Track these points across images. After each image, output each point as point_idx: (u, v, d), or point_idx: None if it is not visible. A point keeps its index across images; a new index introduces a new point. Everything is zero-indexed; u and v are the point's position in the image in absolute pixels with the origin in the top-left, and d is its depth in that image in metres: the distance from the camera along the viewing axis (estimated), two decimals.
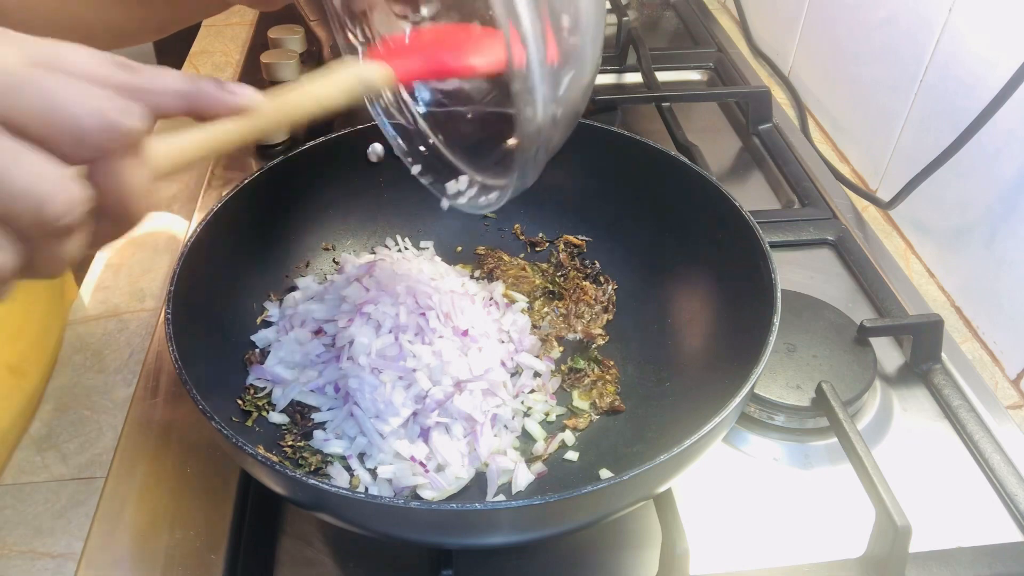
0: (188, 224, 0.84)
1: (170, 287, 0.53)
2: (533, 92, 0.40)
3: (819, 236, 0.81)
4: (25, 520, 0.58)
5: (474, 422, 0.57)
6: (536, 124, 0.41)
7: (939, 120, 0.79)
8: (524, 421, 0.61)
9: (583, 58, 0.43)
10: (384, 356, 0.58)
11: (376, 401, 0.57)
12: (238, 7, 0.60)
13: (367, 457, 0.57)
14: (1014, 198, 0.69)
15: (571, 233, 0.74)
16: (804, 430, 0.63)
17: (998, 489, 0.60)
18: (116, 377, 0.68)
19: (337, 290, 0.64)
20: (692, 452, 0.45)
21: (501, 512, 0.43)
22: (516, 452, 0.59)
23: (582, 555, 0.55)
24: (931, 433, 0.64)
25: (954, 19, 0.76)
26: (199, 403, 0.46)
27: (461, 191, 0.57)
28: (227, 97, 0.36)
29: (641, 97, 0.98)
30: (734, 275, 0.60)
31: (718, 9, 1.28)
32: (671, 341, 0.64)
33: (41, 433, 0.64)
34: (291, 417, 0.60)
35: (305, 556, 0.55)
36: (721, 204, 0.61)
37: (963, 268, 0.77)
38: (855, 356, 0.65)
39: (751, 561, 0.55)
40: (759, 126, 0.97)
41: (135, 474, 0.60)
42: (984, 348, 0.73)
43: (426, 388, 0.57)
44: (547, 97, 0.40)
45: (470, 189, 0.57)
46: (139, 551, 0.55)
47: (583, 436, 0.61)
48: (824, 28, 1.00)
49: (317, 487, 0.42)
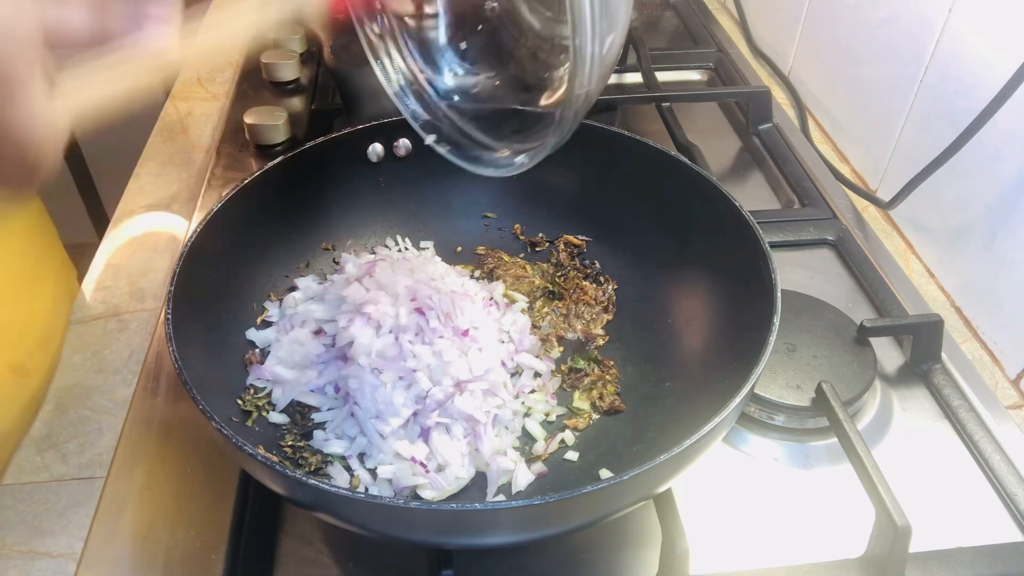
0: (188, 224, 0.84)
1: (170, 287, 0.53)
2: (584, 49, 0.43)
3: (819, 236, 0.81)
4: (25, 520, 0.58)
5: (475, 422, 0.57)
6: (585, 76, 0.44)
7: (939, 120, 0.79)
8: (524, 421, 0.61)
9: (621, 20, 0.46)
10: (384, 356, 0.58)
11: (376, 401, 0.57)
12: None
13: (367, 457, 0.57)
14: (1014, 198, 0.69)
15: (571, 233, 0.74)
16: (804, 430, 0.63)
17: (998, 489, 0.60)
18: (116, 377, 0.68)
19: (337, 290, 0.64)
20: (692, 452, 0.45)
21: (501, 512, 0.43)
22: (516, 452, 0.59)
23: (582, 555, 0.55)
24: (931, 433, 0.64)
25: (954, 19, 0.76)
26: (199, 403, 0.46)
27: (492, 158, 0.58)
28: (141, 35, 0.33)
29: (641, 97, 0.98)
30: (734, 275, 0.60)
31: (718, 9, 1.28)
32: (671, 341, 0.64)
33: (41, 433, 0.64)
34: (291, 417, 0.60)
35: (305, 556, 0.55)
36: (721, 204, 0.61)
37: (963, 268, 0.77)
38: (855, 356, 0.65)
39: (751, 561, 0.55)
40: (759, 126, 0.97)
41: (135, 474, 0.60)
42: (984, 348, 0.73)
43: (426, 388, 0.57)
44: (595, 55, 0.44)
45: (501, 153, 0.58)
46: (139, 551, 0.55)
47: (583, 436, 0.61)
48: (824, 28, 1.00)
49: (317, 487, 0.42)
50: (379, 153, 0.71)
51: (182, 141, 0.96)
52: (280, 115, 0.91)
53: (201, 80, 1.08)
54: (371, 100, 0.72)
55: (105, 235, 0.83)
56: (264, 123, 0.90)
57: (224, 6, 0.40)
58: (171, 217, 0.86)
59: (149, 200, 0.88)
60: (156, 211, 0.86)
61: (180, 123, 0.99)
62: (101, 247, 0.82)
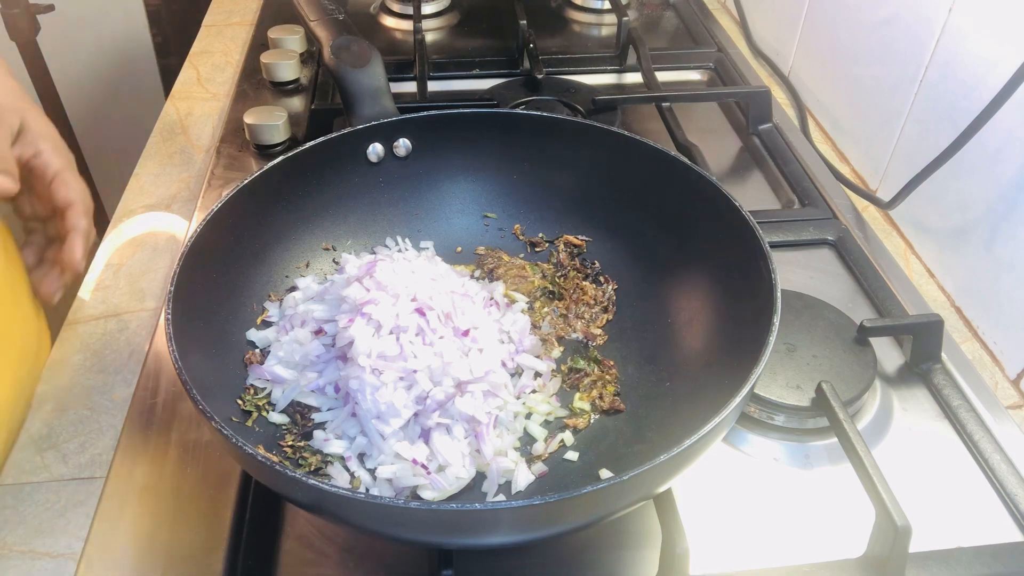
0: (188, 224, 0.84)
1: (170, 287, 0.53)
2: None
3: (819, 236, 0.81)
4: (25, 520, 0.58)
5: (477, 423, 0.57)
6: None
7: (939, 120, 0.79)
8: (525, 422, 0.61)
9: None
10: (385, 357, 0.58)
11: (377, 402, 0.57)
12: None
13: (367, 457, 0.57)
14: (1014, 198, 0.69)
15: (571, 233, 0.74)
16: (804, 430, 0.63)
17: (998, 489, 0.60)
18: (116, 377, 0.68)
19: (337, 290, 0.64)
20: (692, 452, 0.45)
21: (501, 512, 0.43)
22: (516, 453, 0.59)
23: (582, 555, 0.55)
24: (931, 433, 0.64)
25: (954, 19, 0.76)
26: (199, 403, 0.46)
27: None
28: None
29: (641, 97, 0.98)
30: (734, 275, 0.60)
31: (718, 9, 1.28)
32: (671, 341, 0.64)
33: (41, 433, 0.64)
34: (291, 417, 0.60)
35: (305, 556, 0.55)
36: (721, 204, 0.61)
37: (963, 268, 0.77)
38: (855, 356, 0.65)
39: (751, 561, 0.55)
40: (759, 126, 0.97)
41: (135, 474, 0.60)
42: (984, 348, 0.73)
43: (427, 389, 0.57)
44: None
45: None
46: (139, 551, 0.55)
47: (583, 436, 0.61)
48: (824, 28, 1.00)
49: (317, 487, 0.42)
50: (379, 153, 0.71)
51: (182, 141, 0.96)
52: (280, 115, 0.91)
53: (201, 80, 1.08)
54: (371, 100, 0.72)
55: (105, 235, 0.83)
56: (264, 123, 0.90)
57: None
58: (171, 217, 0.86)
59: (149, 200, 0.88)
60: (156, 211, 0.86)
61: (180, 123, 0.99)
62: (101, 247, 0.82)
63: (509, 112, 0.88)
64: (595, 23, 1.23)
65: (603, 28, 1.22)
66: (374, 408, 0.57)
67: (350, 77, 0.72)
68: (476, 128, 0.72)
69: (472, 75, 1.07)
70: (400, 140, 0.71)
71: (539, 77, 1.01)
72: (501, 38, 1.15)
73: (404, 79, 1.04)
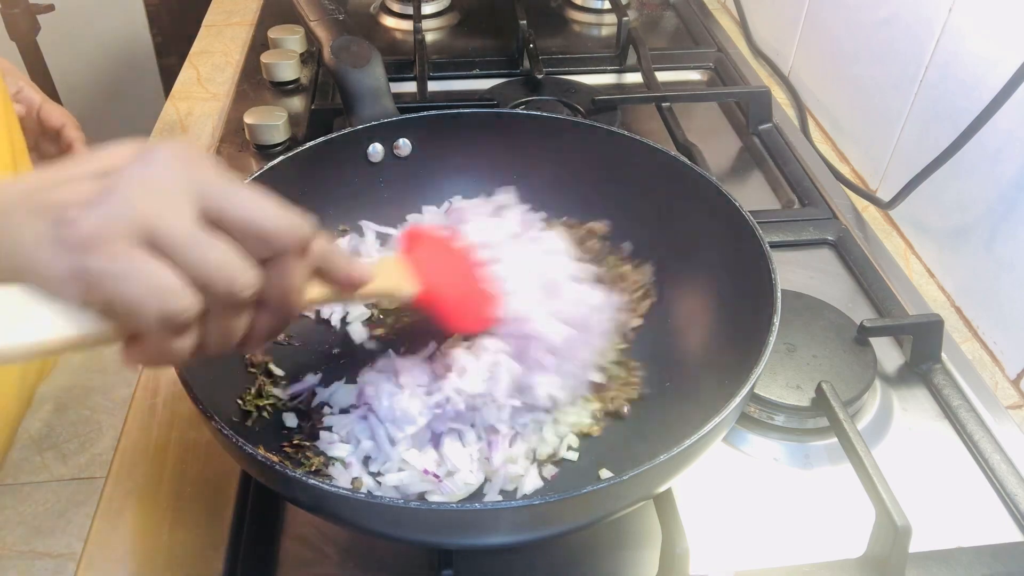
0: None
1: None
2: None
3: (819, 236, 0.81)
4: (25, 520, 0.58)
5: (495, 432, 0.56)
6: None
7: (939, 120, 0.79)
8: (543, 430, 0.59)
9: None
10: (404, 363, 0.58)
11: (393, 409, 0.56)
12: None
13: (372, 461, 0.56)
14: (1014, 198, 0.69)
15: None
16: (804, 430, 0.63)
17: (998, 489, 0.60)
18: (116, 377, 0.68)
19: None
20: (692, 452, 0.45)
21: (501, 512, 0.43)
22: (526, 460, 0.58)
23: (582, 555, 0.55)
24: (931, 433, 0.64)
25: (954, 19, 0.76)
26: (199, 403, 0.46)
27: None
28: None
29: (641, 97, 0.98)
30: (734, 275, 0.60)
31: (718, 9, 1.28)
32: (671, 341, 0.64)
33: (41, 433, 0.64)
34: (300, 418, 0.59)
35: (305, 556, 0.55)
36: (721, 204, 0.61)
37: (963, 268, 0.77)
38: (855, 356, 0.65)
39: (751, 561, 0.55)
40: (759, 126, 0.97)
41: (135, 474, 0.60)
42: (984, 348, 0.73)
43: (447, 396, 0.56)
44: None
45: None
46: (139, 551, 0.55)
47: (583, 436, 0.60)
48: (824, 28, 1.00)
49: (317, 487, 0.42)
50: (379, 153, 0.71)
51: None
52: (280, 115, 0.91)
53: (201, 80, 1.08)
54: (371, 100, 0.72)
55: None
56: (264, 123, 0.90)
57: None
58: None
59: None
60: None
61: (180, 123, 0.99)
62: None
63: (509, 112, 0.88)
64: (595, 23, 1.23)
65: (603, 28, 1.22)
66: (389, 414, 0.56)
67: (350, 77, 0.72)
68: (476, 128, 0.72)
69: (472, 75, 1.07)
70: (400, 140, 0.71)
71: (539, 77, 1.01)
72: (501, 38, 1.15)
73: (404, 79, 1.04)
